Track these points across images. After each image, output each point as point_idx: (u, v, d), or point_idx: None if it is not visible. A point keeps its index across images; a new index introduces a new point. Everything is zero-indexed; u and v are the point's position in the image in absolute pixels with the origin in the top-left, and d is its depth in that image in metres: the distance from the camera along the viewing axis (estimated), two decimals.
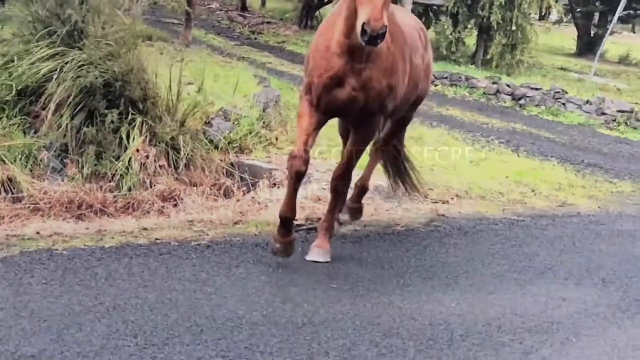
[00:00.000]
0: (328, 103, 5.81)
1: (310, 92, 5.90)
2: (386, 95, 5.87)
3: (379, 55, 5.71)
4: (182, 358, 4.11)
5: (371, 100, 5.80)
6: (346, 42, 5.62)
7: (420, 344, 4.74)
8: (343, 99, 5.77)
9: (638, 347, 5.11)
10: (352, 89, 5.74)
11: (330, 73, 5.72)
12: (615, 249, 7.61)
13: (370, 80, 5.74)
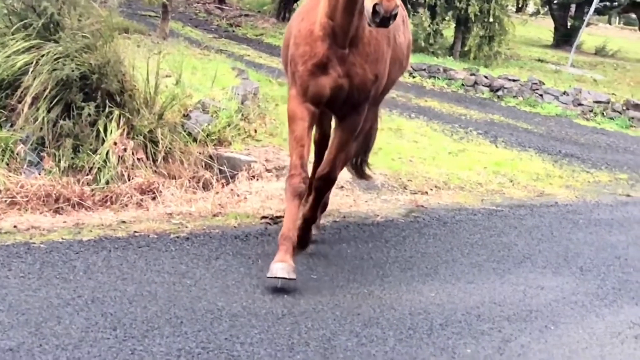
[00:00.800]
0: (315, 92, 5.42)
1: (296, 82, 5.52)
2: (371, 83, 5.51)
3: (362, 40, 5.38)
4: (162, 350, 4.09)
5: (355, 89, 5.44)
6: (330, 24, 5.29)
7: (400, 334, 4.75)
8: (329, 86, 5.39)
9: (616, 334, 5.15)
10: (337, 75, 5.38)
11: (315, 60, 5.36)
12: (593, 237, 7.67)
13: (353, 67, 5.38)
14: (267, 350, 4.27)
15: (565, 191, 9.80)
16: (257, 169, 8.66)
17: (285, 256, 5.30)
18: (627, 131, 15.56)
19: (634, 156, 13.03)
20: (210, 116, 9.26)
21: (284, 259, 5.27)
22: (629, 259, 7.01)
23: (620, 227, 8.24)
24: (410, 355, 4.45)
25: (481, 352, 4.61)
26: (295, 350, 4.31)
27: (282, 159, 9.05)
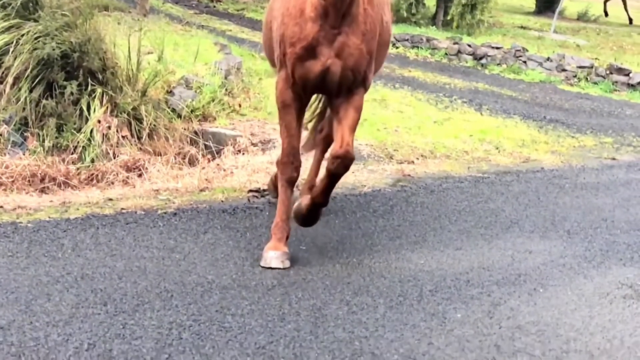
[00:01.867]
0: (304, 77, 5.12)
1: (284, 65, 5.19)
2: (367, 63, 5.18)
3: (356, 19, 5.06)
4: (153, 323, 4.09)
5: (350, 71, 5.10)
6: (322, 3, 4.96)
7: (390, 301, 4.77)
8: (319, 71, 5.08)
9: (604, 294, 5.19)
10: (327, 58, 5.05)
11: (304, 43, 5.03)
12: (579, 201, 7.71)
13: (347, 48, 5.05)
14: (258, 321, 4.28)
15: (550, 156, 9.83)
16: (242, 143, 8.65)
17: (279, 244, 5.26)
18: (611, 95, 15.58)
19: (618, 120, 13.07)
20: (193, 92, 9.22)
21: (277, 247, 5.24)
22: (616, 221, 7.05)
23: (607, 190, 8.28)
24: (400, 321, 4.47)
25: (471, 316, 4.63)
26: (287, 320, 4.32)
27: (268, 133, 9.04)
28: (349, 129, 5.22)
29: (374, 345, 4.12)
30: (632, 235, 6.63)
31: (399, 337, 4.26)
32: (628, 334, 4.54)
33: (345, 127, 5.21)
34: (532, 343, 4.33)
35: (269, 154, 8.34)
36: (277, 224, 5.30)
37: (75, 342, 3.81)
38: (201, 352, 3.84)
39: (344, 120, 5.23)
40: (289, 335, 4.13)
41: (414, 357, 4.04)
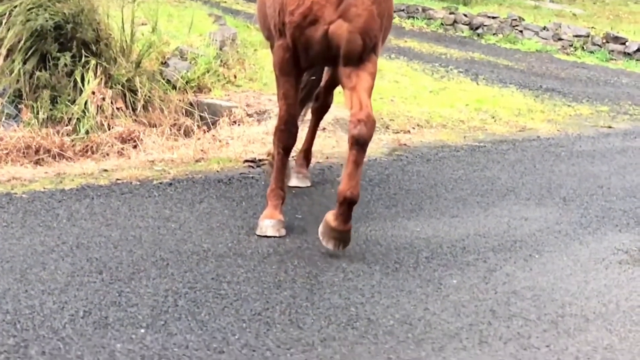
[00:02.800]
0: (305, 45, 4.85)
1: (283, 34, 4.93)
2: (378, 27, 4.84)
3: None
4: (149, 291, 4.09)
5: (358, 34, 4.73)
6: None
7: (387, 268, 4.77)
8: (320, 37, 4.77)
9: (600, 260, 5.19)
10: (330, 22, 4.73)
11: (304, 8, 4.73)
12: (575, 169, 7.70)
13: (353, 7, 4.69)
14: (254, 288, 4.28)
15: (547, 125, 9.81)
16: (238, 114, 8.63)
17: (275, 212, 5.22)
18: (607, 64, 15.55)
19: (614, 88, 13.05)
20: (188, 63, 9.19)
21: (272, 215, 5.20)
22: (612, 187, 7.05)
23: (602, 158, 8.27)
24: (396, 287, 4.48)
25: (467, 282, 4.64)
26: (282, 288, 4.32)
27: (263, 104, 9.01)
28: (366, 92, 4.81)
29: (370, 311, 4.13)
30: (628, 201, 6.64)
31: (395, 303, 4.26)
32: (623, 299, 4.55)
33: (361, 91, 4.79)
34: (528, 308, 4.34)
35: (265, 125, 8.31)
36: (273, 190, 5.28)
37: (71, 309, 3.81)
38: (197, 318, 3.85)
39: (358, 85, 4.81)
40: (284, 302, 4.14)
41: (409, 322, 4.05)
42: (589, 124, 10.16)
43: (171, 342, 3.59)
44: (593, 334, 4.05)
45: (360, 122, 4.73)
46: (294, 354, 3.60)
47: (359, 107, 4.76)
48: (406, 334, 3.91)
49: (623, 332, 4.09)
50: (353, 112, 4.79)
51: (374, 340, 3.81)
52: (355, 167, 4.82)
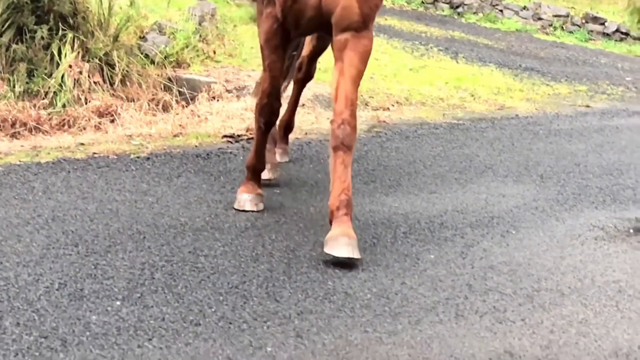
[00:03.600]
0: (295, 16, 4.57)
1: (272, 3, 4.67)
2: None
3: None
4: (125, 264, 4.07)
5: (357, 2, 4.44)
6: None
7: (364, 243, 4.77)
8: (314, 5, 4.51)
9: (576, 236, 5.22)
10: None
11: None
12: (553, 147, 7.73)
13: None
14: (231, 261, 4.27)
15: (525, 104, 9.85)
16: (217, 90, 8.58)
17: (253, 186, 5.15)
18: (586, 44, 15.60)
19: (592, 68, 13.10)
20: (167, 38, 9.11)
21: (250, 189, 5.14)
22: (588, 165, 7.09)
23: (580, 136, 8.32)
24: (374, 262, 4.48)
25: (444, 257, 4.65)
26: (260, 261, 4.31)
27: (242, 79, 8.97)
28: (354, 82, 4.50)
29: (347, 285, 4.13)
30: (604, 179, 6.68)
31: (372, 277, 4.27)
32: (599, 274, 4.58)
33: (348, 81, 4.48)
34: (504, 282, 4.36)
35: (244, 101, 8.28)
36: (249, 164, 5.21)
37: (46, 281, 3.78)
38: (173, 291, 3.83)
39: (347, 70, 4.50)
40: (262, 276, 4.13)
41: (386, 296, 4.05)
42: (567, 103, 10.21)
43: (147, 314, 3.58)
44: (568, 308, 4.07)
45: (344, 122, 4.46)
46: (271, 327, 3.59)
47: (344, 104, 4.46)
48: (383, 308, 3.92)
49: (598, 307, 4.12)
50: (337, 109, 4.49)
51: (351, 313, 3.82)
52: (345, 169, 4.51)
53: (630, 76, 12.92)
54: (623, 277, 4.55)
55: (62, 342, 3.28)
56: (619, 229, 5.43)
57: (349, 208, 4.50)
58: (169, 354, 3.27)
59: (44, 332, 3.34)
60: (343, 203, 4.48)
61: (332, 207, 4.50)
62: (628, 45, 16.07)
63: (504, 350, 3.56)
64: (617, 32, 16.31)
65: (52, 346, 3.24)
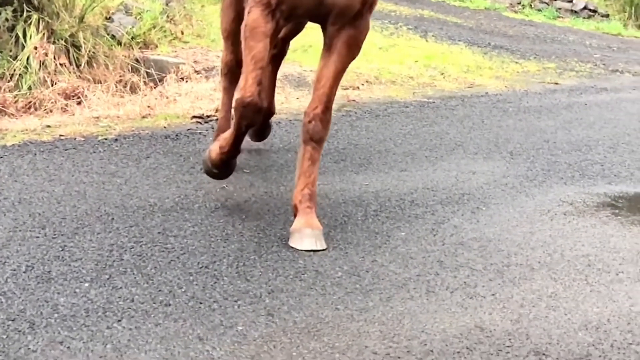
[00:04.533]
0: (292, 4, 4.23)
1: None
2: None
3: None
4: (93, 245, 4.03)
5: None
6: None
7: (335, 221, 4.76)
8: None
9: (545, 211, 5.25)
10: None
11: None
12: (522, 124, 7.76)
13: None
14: (201, 242, 4.24)
15: (495, 82, 9.86)
16: (185, 71, 8.50)
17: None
18: (554, 22, 15.66)
19: (561, 46, 13.16)
20: (134, 18, 9.00)
21: None
22: (557, 142, 7.12)
23: (549, 113, 8.35)
24: (344, 240, 4.48)
25: (415, 234, 4.66)
26: (230, 241, 4.29)
27: (211, 60, 8.89)
28: (336, 77, 4.38)
29: (318, 263, 4.12)
30: (573, 155, 6.72)
31: (343, 255, 4.26)
32: (568, 248, 4.61)
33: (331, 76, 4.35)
34: (474, 258, 4.37)
35: (213, 81, 8.21)
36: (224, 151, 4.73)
37: (13, 264, 3.74)
38: (143, 272, 3.80)
39: (332, 64, 4.35)
40: (232, 255, 4.11)
41: (357, 273, 4.05)
42: (536, 81, 10.24)
43: (116, 295, 3.55)
44: (538, 283, 4.10)
45: (316, 118, 4.37)
46: (242, 306, 3.58)
47: (319, 99, 4.37)
48: (354, 285, 3.91)
49: (567, 281, 4.15)
50: (312, 103, 4.41)
51: (322, 291, 3.81)
52: (312, 164, 4.44)
53: (598, 53, 12.99)
54: (592, 251, 4.58)
55: (30, 325, 3.24)
56: (588, 204, 5.47)
57: (313, 201, 4.45)
58: (138, 334, 3.24)
59: (11, 315, 3.30)
60: (306, 197, 4.43)
61: (295, 201, 4.46)
62: (596, 22, 16.16)
63: (474, 325, 3.57)
64: (585, 10, 16.39)
65: (19, 328, 3.21)
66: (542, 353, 3.34)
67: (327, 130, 4.47)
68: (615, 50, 13.67)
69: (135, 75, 8.24)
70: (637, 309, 3.82)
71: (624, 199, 5.64)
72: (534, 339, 3.46)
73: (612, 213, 5.30)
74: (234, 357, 3.14)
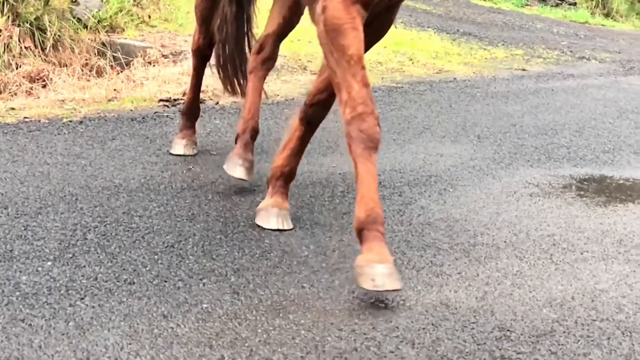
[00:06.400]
0: None
1: None
2: None
3: None
4: (56, 225, 3.98)
5: None
6: None
7: (302, 202, 4.75)
8: None
9: (511, 193, 5.27)
10: None
11: None
12: (490, 108, 7.79)
13: None
14: (166, 222, 4.21)
15: (463, 68, 9.90)
16: (153, 55, 8.45)
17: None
18: (522, 10, 15.75)
19: (529, 33, 13.23)
20: (100, 2, 8.91)
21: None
22: (524, 126, 7.16)
23: (516, 98, 8.39)
24: (311, 220, 4.47)
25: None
26: (196, 221, 4.26)
27: (179, 44, 8.84)
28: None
29: (285, 243, 4.11)
30: (540, 138, 6.75)
31: (310, 235, 4.25)
32: (533, 228, 4.63)
33: None
34: (441, 238, 4.38)
35: (181, 65, 8.16)
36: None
37: None
38: (107, 251, 3.76)
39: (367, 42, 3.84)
40: (198, 235, 4.08)
41: (324, 252, 4.04)
42: (503, 67, 10.30)
43: (79, 274, 3.51)
44: (503, 261, 4.11)
45: (319, 103, 4.20)
46: (207, 284, 3.55)
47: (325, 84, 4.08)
48: (320, 264, 3.90)
49: (532, 259, 4.16)
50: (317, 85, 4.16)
51: (288, 270, 3.80)
52: (302, 145, 4.32)
53: (565, 40, 13.09)
54: (557, 231, 4.61)
55: None
56: (554, 185, 5.50)
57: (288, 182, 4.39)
58: (101, 312, 3.21)
59: None
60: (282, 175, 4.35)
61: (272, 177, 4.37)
62: (563, 10, 16.28)
63: (440, 302, 3.57)
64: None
65: None
66: (507, 329, 3.36)
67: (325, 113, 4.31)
68: (582, 37, 13.79)
69: (101, 59, 8.18)
70: (601, 287, 3.85)
71: (589, 181, 5.69)
72: (499, 316, 3.48)
73: (577, 194, 5.34)
74: (199, 333, 3.12)
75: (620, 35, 14.68)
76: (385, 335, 3.24)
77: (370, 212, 3.61)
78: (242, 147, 4.85)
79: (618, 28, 16.18)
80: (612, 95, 8.83)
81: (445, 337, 3.26)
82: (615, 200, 5.28)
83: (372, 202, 3.64)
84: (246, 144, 4.89)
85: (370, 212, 3.61)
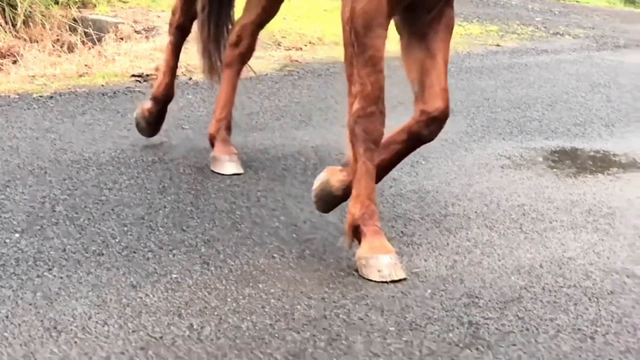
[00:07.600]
0: None
1: None
2: None
3: None
4: (25, 198, 3.96)
5: None
6: None
7: (274, 174, 4.75)
8: None
9: (483, 165, 5.29)
10: None
11: None
12: (463, 83, 7.80)
13: None
14: (137, 194, 4.19)
15: None
16: (125, 31, 8.38)
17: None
18: None
19: (504, 9, 13.23)
20: None
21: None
22: (497, 100, 7.18)
23: (490, 74, 8.40)
24: (283, 192, 4.47)
25: None
26: (167, 193, 4.25)
27: (151, 20, 8.78)
28: (445, 68, 3.83)
29: (255, 214, 4.11)
30: (512, 112, 6.77)
31: (281, 206, 4.26)
32: (504, 199, 4.66)
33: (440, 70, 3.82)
34: (412, 209, 4.40)
35: (153, 41, 8.10)
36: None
37: None
38: (76, 223, 3.74)
39: (438, 53, 3.80)
40: (168, 207, 4.07)
41: (295, 224, 4.05)
42: (478, 43, 10.28)
43: (47, 245, 3.49)
44: (474, 231, 4.13)
45: (436, 120, 3.85)
46: (177, 255, 3.55)
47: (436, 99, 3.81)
48: (291, 235, 3.91)
49: (502, 229, 4.19)
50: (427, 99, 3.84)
51: (259, 240, 3.80)
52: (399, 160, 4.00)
53: (540, 17, 13.10)
54: (527, 201, 4.63)
55: None
56: (525, 157, 5.52)
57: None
58: (69, 282, 3.19)
59: None
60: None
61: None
62: None
63: (409, 271, 3.59)
64: None
65: None
66: (475, 296, 3.38)
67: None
68: (557, 14, 13.80)
69: (73, 35, 8.12)
70: (569, 255, 3.88)
71: (560, 153, 5.72)
72: (468, 283, 3.50)
73: (548, 166, 5.37)
74: (168, 303, 3.12)
75: (594, 12, 14.71)
76: (354, 303, 3.26)
77: (365, 209, 3.58)
78: (221, 144, 4.75)
79: (592, 4, 16.20)
80: (585, 70, 8.85)
81: (414, 304, 3.28)
82: (585, 171, 5.32)
83: (367, 201, 3.60)
84: (224, 140, 4.78)
85: (366, 209, 3.59)
